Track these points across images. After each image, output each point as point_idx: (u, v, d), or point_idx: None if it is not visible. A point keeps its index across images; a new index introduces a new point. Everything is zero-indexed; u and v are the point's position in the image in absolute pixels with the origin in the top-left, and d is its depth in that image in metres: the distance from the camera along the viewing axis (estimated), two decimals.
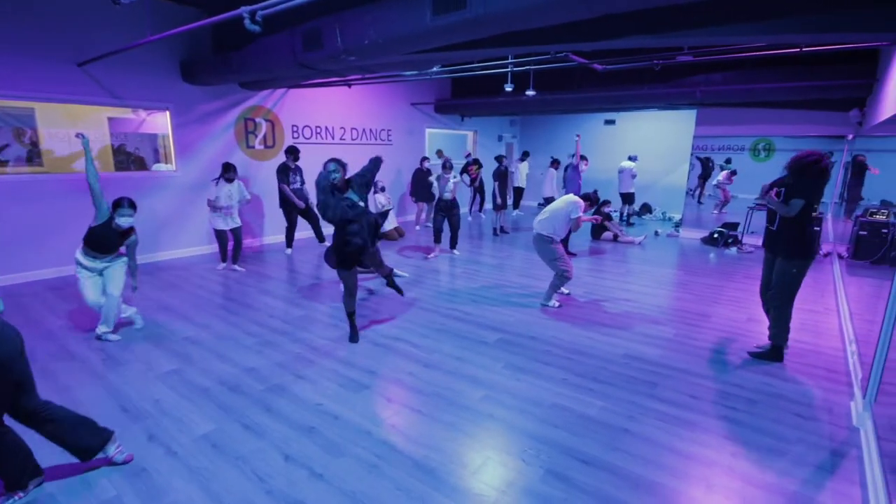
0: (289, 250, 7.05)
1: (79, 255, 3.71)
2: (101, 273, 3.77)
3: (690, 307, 4.84)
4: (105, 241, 3.66)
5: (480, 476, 2.31)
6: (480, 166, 8.05)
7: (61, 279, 5.52)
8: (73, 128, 7.42)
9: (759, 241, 7.99)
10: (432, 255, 6.92)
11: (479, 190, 10.46)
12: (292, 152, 6.72)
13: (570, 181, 7.49)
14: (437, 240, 6.95)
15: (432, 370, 3.41)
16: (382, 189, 8.18)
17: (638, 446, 2.54)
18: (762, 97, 6.81)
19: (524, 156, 11.31)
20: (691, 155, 9.31)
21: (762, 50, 5.11)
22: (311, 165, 7.01)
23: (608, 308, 4.80)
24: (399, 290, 4.60)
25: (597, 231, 8.47)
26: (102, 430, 2.27)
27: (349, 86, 7.42)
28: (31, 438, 2.11)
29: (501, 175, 8.67)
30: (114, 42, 5.18)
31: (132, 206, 3.67)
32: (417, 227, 9.35)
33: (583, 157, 7.82)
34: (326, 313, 4.52)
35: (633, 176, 9.99)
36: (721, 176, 9.16)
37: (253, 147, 7.36)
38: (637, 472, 2.34)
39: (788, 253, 3.43)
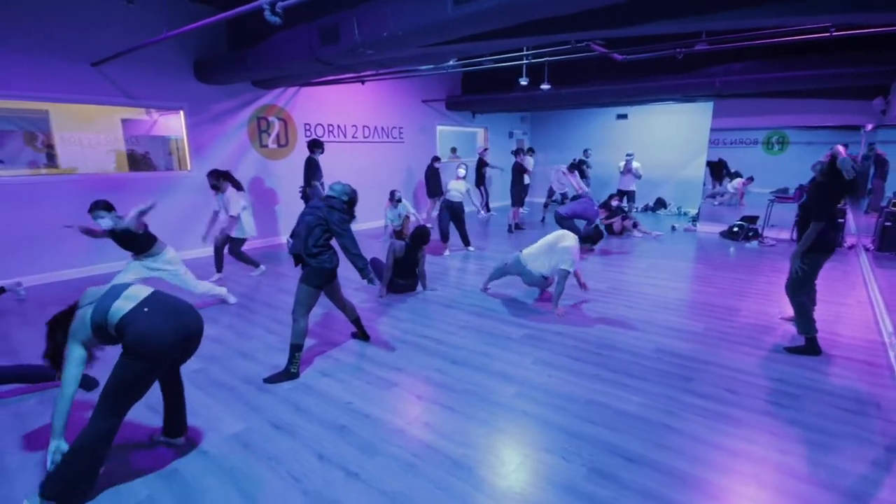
0: None
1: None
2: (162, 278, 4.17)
3: (717, 301, 4.72)
4: (125, 243, 3.98)
5: (520, 474, 2.23)
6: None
7: (81, 280, 5.51)
8: (86, 131, 7.44)
9: (782, 235, 7.85)
10: (446, 251, 6.86)
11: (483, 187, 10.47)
12: (320, 146, 6.64)
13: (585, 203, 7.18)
14: (445, 239, 6.91)
15: (461, 367, 3.33)
16: (399, 200, 7.69)
17: (681, 442, 2.45)
18: (783, 86, 6.66)
19: (530, 151, 11.29)
20: (710, 147, 9.13)
21: (785, 36, 4.98)
22: (325, 165, 6.98)
23: (633, 303, 4.69)
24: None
25: (609, 225, 8.36)
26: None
27: (363, 82, 7.36)
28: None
29: (519, 171, 8.58)
30: (127, 41, 5.14)
31: (106, 207, 3.87)
32: (429, 226, 9.27)
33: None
34: None
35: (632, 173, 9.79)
36: (737, 183, 9.01)
37: (266, 146, 7.33)
38: (684, 468, 2.25)
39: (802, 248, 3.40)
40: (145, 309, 2.06)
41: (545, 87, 7.19)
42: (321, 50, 4.44)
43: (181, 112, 6.36)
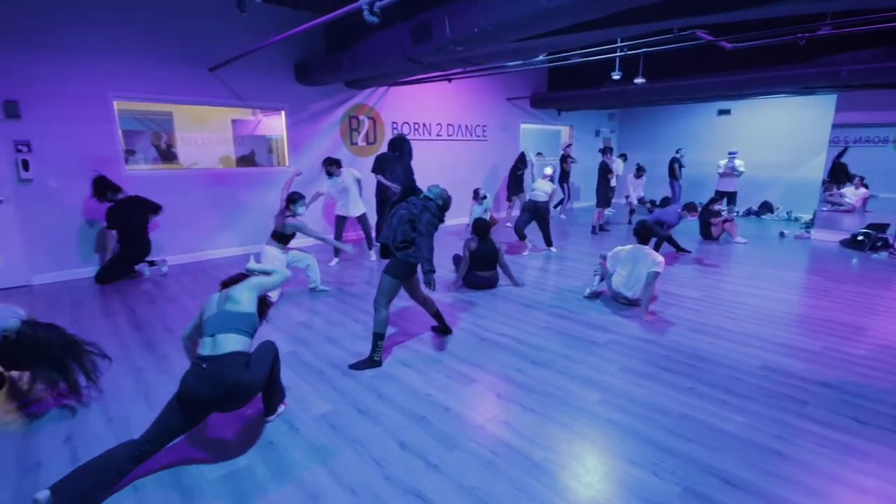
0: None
1: (270, 247, 4.67)
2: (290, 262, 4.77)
3: (838, 317, 4.17)
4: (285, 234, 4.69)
5: (606, 485, 2.11)
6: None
7: (195, 264, 6.12)
8: (202, 131, 8.25)
9: None
10: (526, 251, 6.74)
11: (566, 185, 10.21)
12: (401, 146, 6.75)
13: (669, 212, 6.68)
14: (523, 237, 6.76)
15: (541, 368, 3.24)
16: (484, 197, 7.58)
17: (795, 472, 2.18)
18: None
19: (622, 157, 10.83)
20: (830, 145, 8.08)
21: None
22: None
23: (733, 313, 4.29)
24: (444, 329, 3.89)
25: (706, 230, 7.72)
26: (282, 390, 2.71)
27: (450, 80, 7.44)
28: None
29: (604, 171, 8.22)
30: (238, 48, 5.61)
31: (304, 197, 4.77)
32: (508, 225, 9.17)
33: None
34: None
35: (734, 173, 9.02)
36: (859, 193, 7.80)
37: (356, 144, 7.67)
38: (798, 500, 2.00)
39: None
40: (204, 366, 2.17)
41: (639, 81, 6.80)
42: (412, 48, 4.54)
43: (282, 112, 6.83)
